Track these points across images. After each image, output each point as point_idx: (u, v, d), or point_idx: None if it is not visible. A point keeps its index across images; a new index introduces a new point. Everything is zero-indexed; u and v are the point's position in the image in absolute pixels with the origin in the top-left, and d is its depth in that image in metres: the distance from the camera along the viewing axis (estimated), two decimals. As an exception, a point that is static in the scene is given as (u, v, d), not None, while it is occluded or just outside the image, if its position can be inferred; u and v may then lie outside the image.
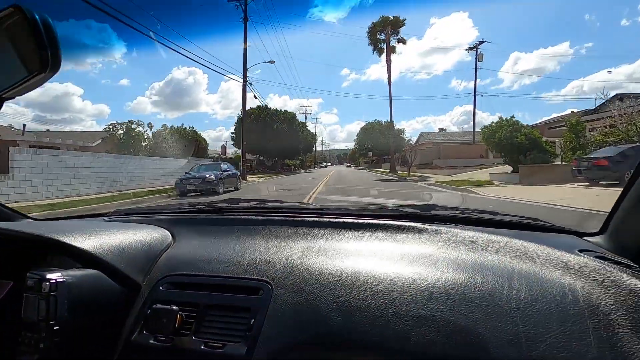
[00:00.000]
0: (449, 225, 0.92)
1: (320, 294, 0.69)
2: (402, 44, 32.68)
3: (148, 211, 1.34)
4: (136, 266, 0.84)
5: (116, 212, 1.37)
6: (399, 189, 12.69)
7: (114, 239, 0.87)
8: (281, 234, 0.94)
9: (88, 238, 0.83)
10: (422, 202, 1.31)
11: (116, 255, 0.82)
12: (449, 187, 13.57)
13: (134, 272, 0.82)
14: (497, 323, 0.57)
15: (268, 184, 20.12)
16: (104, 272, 0.78)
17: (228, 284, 0.77)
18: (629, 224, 0.74)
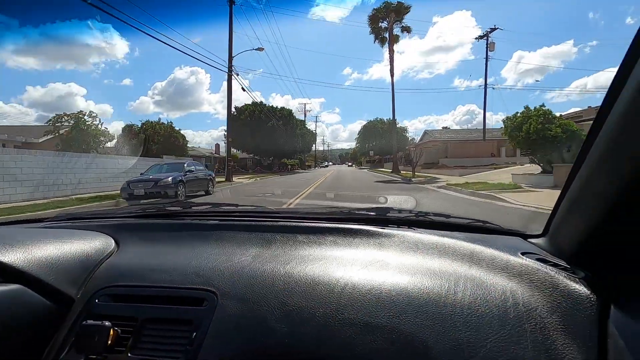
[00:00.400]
0: (403, 228, 0.92)
1: (267, 303, 0.67)
2: (406, 32, 29.85)
3: (92, 216, 1.25)
4: (69, 278, 0.78)
5: (57, 217, 1.27)
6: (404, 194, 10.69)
7: (43, 249, 0.80)
8: (233, 239, 0.91)
9: (10, 248, 0.76)
10: (377, 205, 1.30)
11: (44, 267, 0.76)
12: (465, 191, 11.06)
13: (66, 285, 0.76)
14: (441, 328, 0.57)
15: (253, 185, 17.75)
16: (30, 287, 0.72)
17: (171, 295, 0.73)
18: (565, 226, 0.73)
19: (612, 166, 0.54)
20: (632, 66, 0.47)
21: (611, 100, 0.52)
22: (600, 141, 0.55)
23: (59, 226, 1.12)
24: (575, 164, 0.63)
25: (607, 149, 0.54)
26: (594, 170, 0.58)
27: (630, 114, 0.48)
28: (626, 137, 0.50)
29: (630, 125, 0.49)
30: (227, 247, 0.87)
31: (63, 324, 0.72)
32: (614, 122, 0.51)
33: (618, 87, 0.50)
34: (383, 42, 30.21)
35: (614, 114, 0.51)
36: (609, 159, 0.54)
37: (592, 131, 0.57)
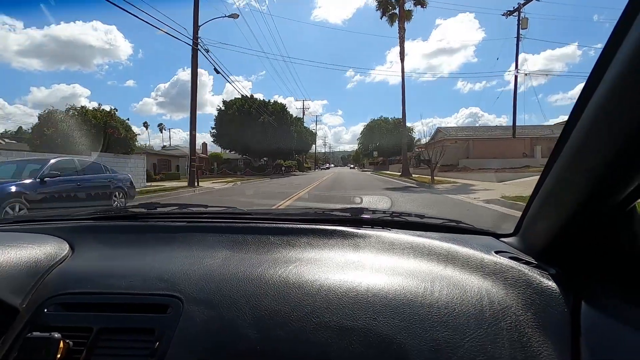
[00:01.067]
0: (378, 228, 0.91)
1: (237, 307, 0.63)
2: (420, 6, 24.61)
3: (45, 218, 1.14)
4: (12, 286, 0.71)
5: (4, 220, 1.22)
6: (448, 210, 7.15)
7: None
8: (202, 241, 0.86)
9: None
10: (352, 206, 1.22)
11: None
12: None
13: (8, 293, 0.70)
14: (419, 329, 0.57)
15: (220, 193, 12.89)
16: None
17: (130, 302, 0.68)
18: (536, 224, 0.74)
19: (581, 166, 0.56)
20: (604, 69, 0.47)
21: (581, 105, 0.53)
22: (571, 143, 0.56)
23: (5, 229, 1.02)
24: (547, 164, 0.64)
25: (578, 150, 0.56)
26: (565, 170, 0.60)
27: (598, 118, 0.50)
28: (595, 139, 0.52)
29: (598, 127, 0.51)
30: (194, 249, 0.83)
31: (6, 337, 0.65)
32: (584, 125, 0.53)
33: (589, 91, 0.51)
34: (392, 19, 25.05)
35: (584, 119, 0.53)
36: (579, 159, 0.56)
37: (564, 133, 0.58)
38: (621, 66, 0.45)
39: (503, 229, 0.92)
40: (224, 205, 1.33)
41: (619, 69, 0.46)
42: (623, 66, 0.45)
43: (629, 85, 0.45)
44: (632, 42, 0.43)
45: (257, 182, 21.69)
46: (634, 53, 0.43)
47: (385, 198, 5.79)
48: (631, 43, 0.44)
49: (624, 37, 0.45)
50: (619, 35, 0.45)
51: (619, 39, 0.46)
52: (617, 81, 0.46)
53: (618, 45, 0.46)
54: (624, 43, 0.45)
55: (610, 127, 0.49)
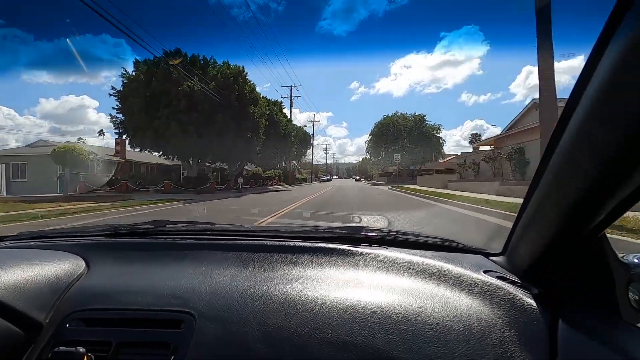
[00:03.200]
0: (375, 247, 0.94)
1: (246, 323, 0.66)
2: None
3: (58, 234, 1.19)
4: (37, 302, 0.74)
5: (19, 235, 1.19)
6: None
7: (9, 271, 0.76)
8: (209, 258, 0.89)
9: None
10: (351, 224, 1.35)
11: (10, 291, 0.72)
12: None
13: (33, 309, 0.72)
14: (413, 345, 0.60)
15: None
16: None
17: (146, 317, 0.71)
18: (520, 245, 0.77)
19: (557, 195, 0.59)
20: (582, 91, 0.48)
21: (557, 136, 0.55)
22: (548, 172, 0.59)
23: (23, 246, 1.06)
24: (531, 186, 0.66)
25: (553, 180, 0.59)
26: (542, 197, 0.63)
27: (570, 150, 0.53)
28: (568, 170, 0.55)
29: (570, 159, 0.53)
30: (203, 266, 0.85)
31: (32, 352, 0.69)
32: (559, 157, 0.55)
33: (564, 122, 0.53)
34: None
35: (559, 150, 0.55)
36: (554, 189, 0.59)
37: (542, 162, 0.60)
38: (594, 94, 0.46)
39: (493, 248, 0.96)
40: (231, 223, 1.36)
41: (592, 96, 0.47)
42: (596, 94, 0.46)
43: (595, 121, 0.47)
44: (601, 75, 0.45)
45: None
46: (598, 95, 0.45)
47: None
48: (600, 76, 0.45)
49: (594, 70, 0.46)
50: (591, 66, 0.46)
51: (590, 72, 0.47)
52: (592, 107, 0.47)
53: (587, 82, 0.47)
54: (594, 76, 0.46)
55: (586, 154, 0.51)
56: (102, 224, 1.47)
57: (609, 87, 0.44)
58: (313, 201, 13.05)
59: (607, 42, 0.43)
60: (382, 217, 6.74)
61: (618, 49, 0.42)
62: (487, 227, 6.16)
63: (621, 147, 0.46)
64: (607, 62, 0.44)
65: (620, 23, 0.42)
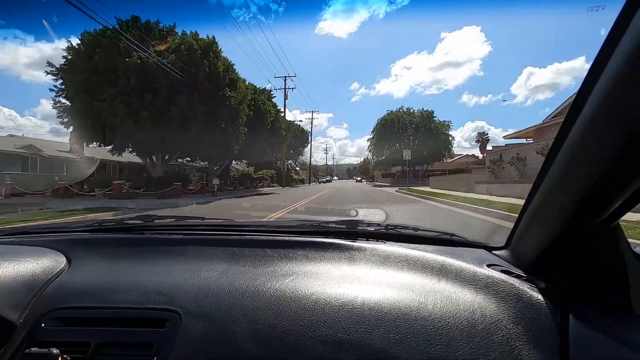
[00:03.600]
0: (372, 241, 0.90)
1: (236, 321, 0.63)
2: None
3: (40, 230, 1.14)
4: (10, 300, 0.70)
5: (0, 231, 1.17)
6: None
7: None
8: (199, 254, 0.86)
9: None
10: (347, 218, 1.24)
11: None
12: None
13: (5, 308, 0.68)
14: (414, 343, 0.57)
15: None
16: None
17: (129, 316, 0.68)
18: (526, 238, 0.75)
19: (567, 185, 0.57)
20: (591, 88, 0.48)
21: (567, 126, 0.54)
22: (557, 162, 0.58)
23: (1, 242, 1.01)
24: (537, 179, 0.65)
25: (564, 169, 0.57)
26: (551, 188, 0.61)
27: (583, 139, 0.52)
28: (579, 159, 0.53)
29: (583, 148, 0.52)
30: (192, 263, 0.83)
31: (3, 353, 0.65)
32: (570, 145, 0.54)
33: (575, 113, 0.52)
34: None
35: (570, 139, 0.54)
36: (565, 178, 0.57)
37: (551, 151, 0.59)
38: (603, 90, 0.46)
39: (495, 242, 0.93)
40: (221, 217, 1.34)
41: (601, 93, 0.47)
42: (605, 90, 0.46)
43: (610, 110, 0.47)
44: (612, 69, 0.44)
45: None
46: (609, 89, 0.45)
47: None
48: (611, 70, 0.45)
49: (605, 64, 0.45)
50: (602, 60, 0.46)
51: (600, 66, 0.46)
52: (601, 104, 0.47)
53: (604, 65, 0.46)
54: (605, 70, 0.46)
55: (595, 148, 0.50)
56: (87, 219, 1.48)
57: (620, 81, 0.44)
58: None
59: (620, 37, 0.43)
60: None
61: (630, 44, 0.42)
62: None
63: (632, 140, 0.45)
64: (618, 56, 0.43)
65: (632, 19, 0.42)
